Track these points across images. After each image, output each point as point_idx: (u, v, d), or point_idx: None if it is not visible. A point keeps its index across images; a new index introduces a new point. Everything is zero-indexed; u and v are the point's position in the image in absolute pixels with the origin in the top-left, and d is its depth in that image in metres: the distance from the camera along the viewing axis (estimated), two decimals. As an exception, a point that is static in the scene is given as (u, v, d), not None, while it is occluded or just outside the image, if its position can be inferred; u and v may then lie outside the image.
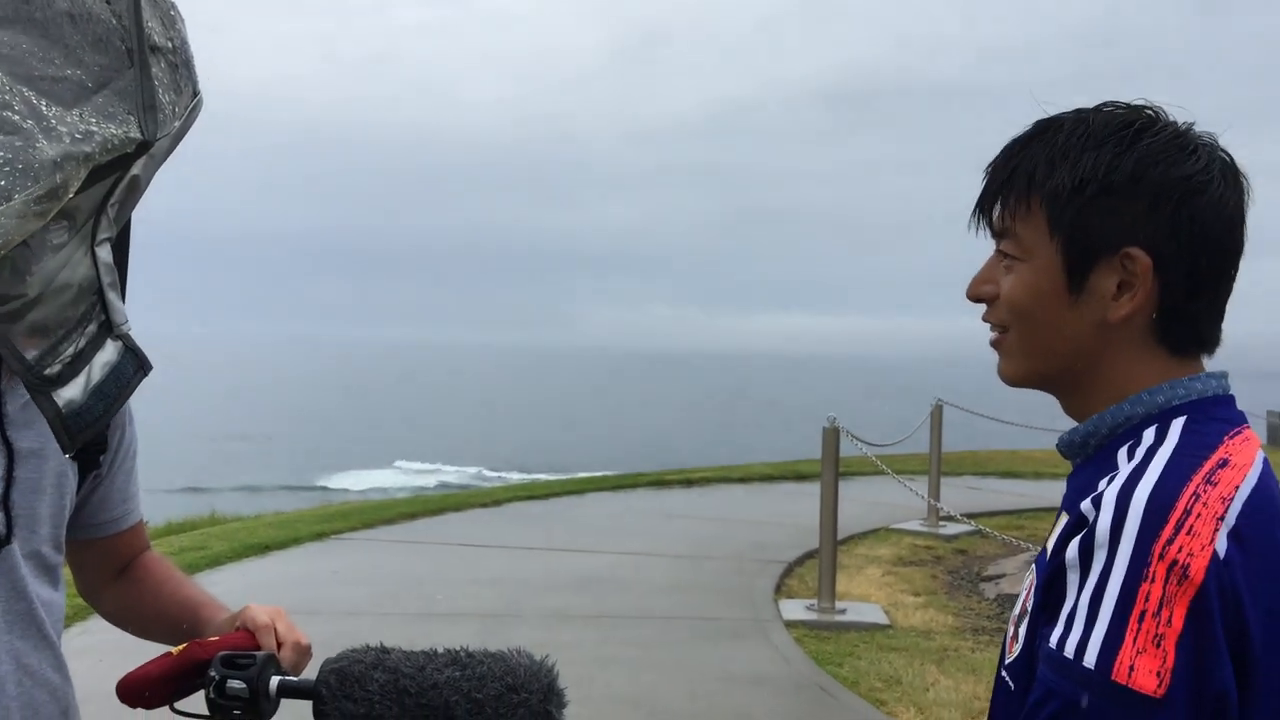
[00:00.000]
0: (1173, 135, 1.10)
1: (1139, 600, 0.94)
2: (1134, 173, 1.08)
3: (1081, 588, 0.98)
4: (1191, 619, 0.93)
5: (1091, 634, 0.95)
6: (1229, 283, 1.12)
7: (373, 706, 1.26)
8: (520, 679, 1.27)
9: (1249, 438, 1.10)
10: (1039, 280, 1.13)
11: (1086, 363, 1.13)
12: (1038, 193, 1.12)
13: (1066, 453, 1.19)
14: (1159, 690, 0.92)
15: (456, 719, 1.25)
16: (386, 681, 1.26)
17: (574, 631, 6.49)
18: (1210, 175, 1.08)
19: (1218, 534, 0.97)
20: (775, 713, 5.20)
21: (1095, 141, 1.10)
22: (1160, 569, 0.94)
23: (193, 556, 8.32)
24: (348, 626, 6.41)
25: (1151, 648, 0.93)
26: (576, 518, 10.68)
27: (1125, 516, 0.97)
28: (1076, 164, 1.09)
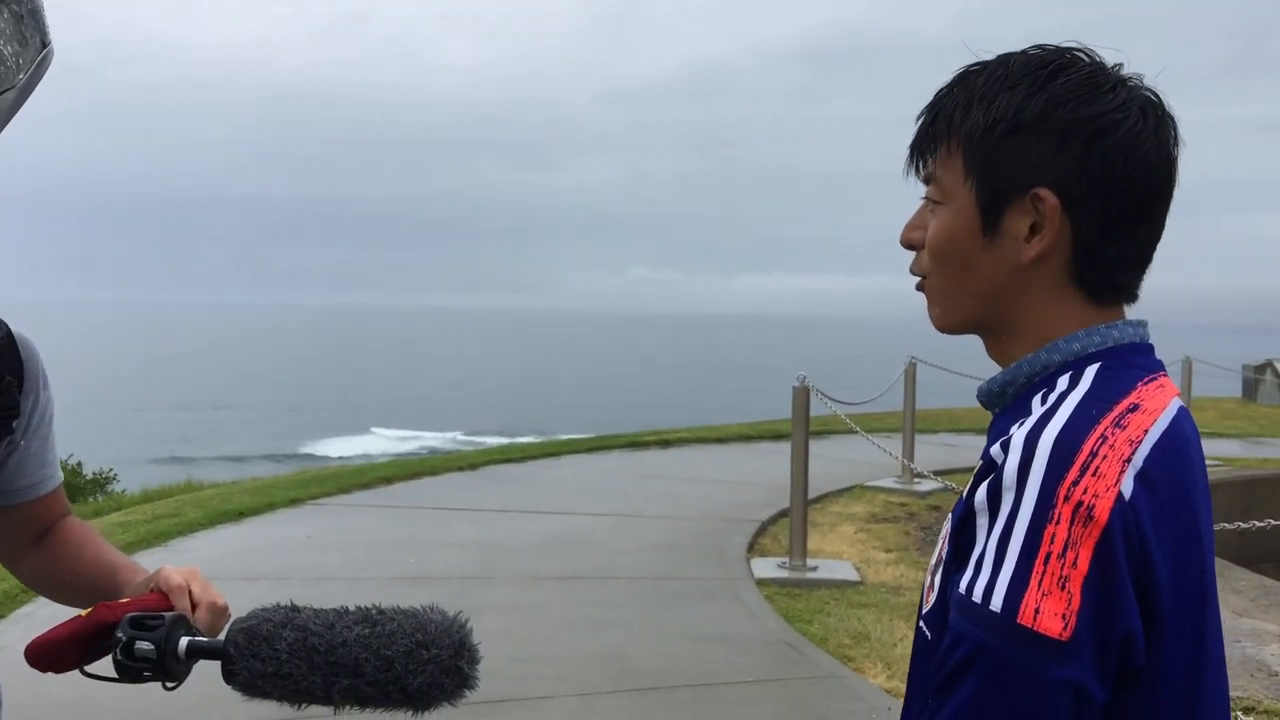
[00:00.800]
0: (1089, 74, 1.08)
1: (1044, 542, 0.93)
2: (1043, 111, 1.06)
3: (990, 531, 0.97)
4: (1096, 560, 0.93)
5: (998, 577, 0.94)
6: (1149, 227, 1.10)
7: (280, 665, 1.24)
8: (431, 635, 1.26)
9: (1164, 385, 1.09)
10: (956, 222, 1.12)
11: (1005, 307, 1.12)
12: (956, 135, 1.11)
13: (985, 401, 1.18)
14: (1064, 633, 0.91)
15: (365, 675, 1.24)
16: (295, 640, 1.25)
17: (545, 592, 6.51)
18: (1126, 114, 1.06)
19: (1124, 475, 0.96)
20: (742, 670, 5.23)
21: (1011, 82, 1.09)
22: (1065, 510, 0.93)
23: (166, 524, 8.31)
24: (318, 591, 6.41)
25: (1057, 590, 0.92)
26: (552, 480, 10.68)
27: (1032, 459, 0.96)
28: (991, 105, 1.08)
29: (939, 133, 1.13)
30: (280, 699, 1.27)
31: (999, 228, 1.09)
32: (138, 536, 7.84)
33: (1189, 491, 1.03)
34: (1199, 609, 1.03)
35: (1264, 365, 20.16)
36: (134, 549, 7.52)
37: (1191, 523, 1.02)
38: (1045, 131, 1.06)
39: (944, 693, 0.96)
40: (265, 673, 1.25)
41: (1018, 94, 1.07)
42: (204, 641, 1.30)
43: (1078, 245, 1.08)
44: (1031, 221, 1.07)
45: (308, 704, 1.27)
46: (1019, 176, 1.07)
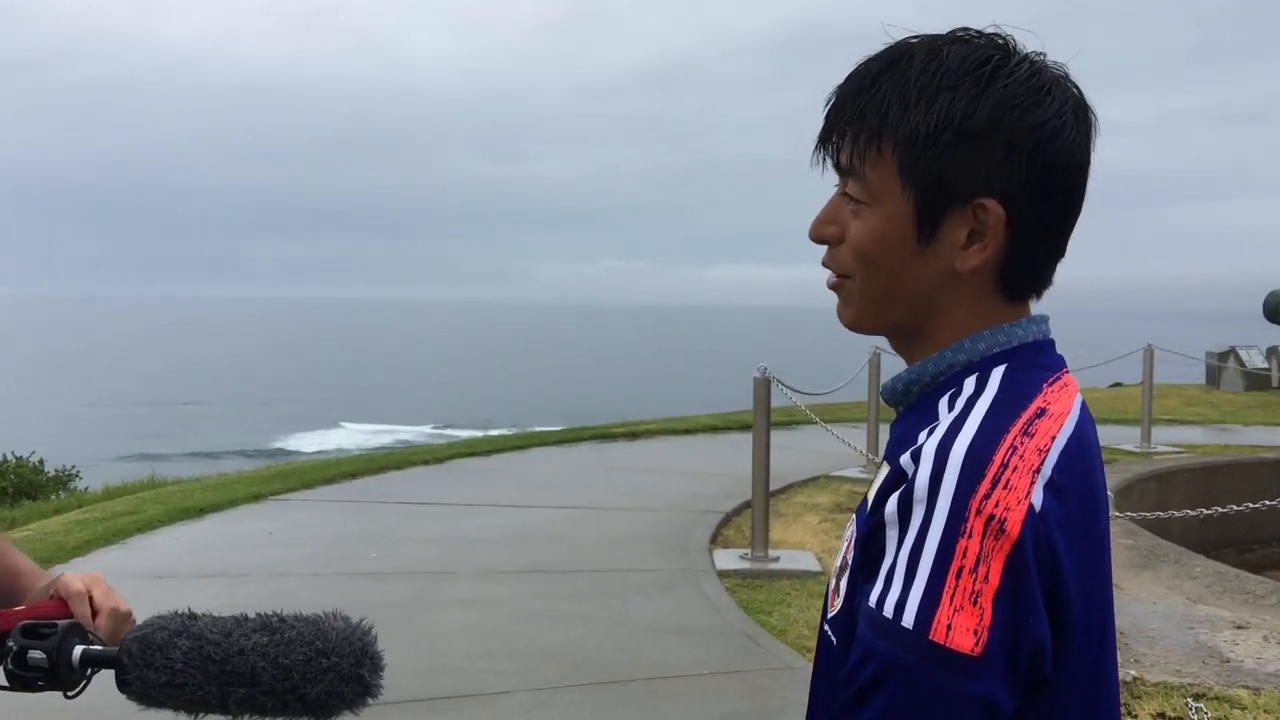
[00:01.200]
0: (1028, 75, 1.04)
1: (956, 557, 0.92)
2: (990, 119, 1.02)
3: (900, 544, 0.95)
4: (1008, 574, 0.92)
5: (910, 592, 0.93)
6: (1073, 226, 1.09)
7: (175, 674, 1.22)
8: (331, 643, 1.24)
9: (1068, 384, 1.08)
10: (887, 228, 1.07)
11: (928, 311, 1.09)
12: (890, 137, 1.05)
13: (889, 400, 1.16)
14: (976, 649, 0.90)
15: (262, 684, 1.21)
16: (190, 649, 1.22)
17: (506, 587, 6.49)
18: (1063, 119, 1.04)
19: (1034, 487, 0.95)
20: (700, 662, 5.23)
21: (950, 82, 1.03)
22: (978, 524, 0.92)
23: (125, 521, 8.23)
24: (276, 588, 6.37)
25: (969, 605, 0.91)
26: (518, 473, 10.66)
27: (943, 471, 0.95)
28: (931, 107, 1.03)
29: (868, 130, 1.06)
30: (176, 708, 1.24)
31: (935, 235, 1.05)
32: (96, 534, 7.77)
33: (1093, 497, 1.03)
34: (1103, 620, 1.03)
35: (1227, 352, 20.34)
36: (92, 547, 7.45)
37: (1096, 528, 1.02)
38: (993, 141, 1.02)
39: (854, 709, 0.95)
40: (159, 682, 1.22)
41: (960, 97, 1.03)
42: (98, 650, 1.27)
43: (1012, 252, 1.06)
44: (969, 229, 1.04)
45: (204, 713, 1.25)
46: (963, 186, 1.03)
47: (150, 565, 6.97)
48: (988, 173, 1.02)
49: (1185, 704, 4.34)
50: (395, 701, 4.70)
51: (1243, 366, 19.90)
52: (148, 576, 6.66)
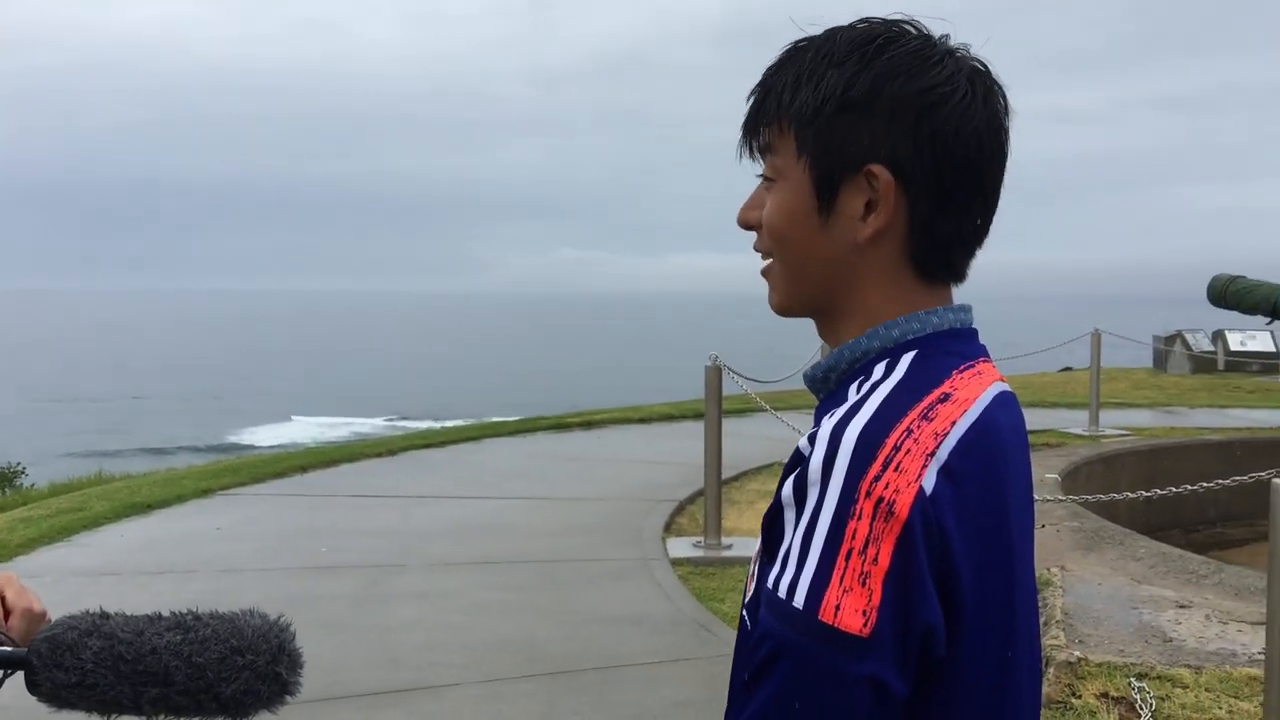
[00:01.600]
0: (917, 47, 1.06)
1: (846, 538, 0.92)
2: (872, 88, 1.04)
3: (796, 526, 0.95)
4: (897, 556, 0.92)
5: (802, 573, 0.93)
6: (984, 201, 1.09)
7: (85, 675, 1.19)
8: (247, 640, 1.22)
9: (982, 372, 1.08)
10: (792, 202, 1.10)
11: (841, 288, 1.10)
12: (786, 114, 1.09)
13: (811, 387, 1.16)
14: (865, 629, 0.90)
15: (176, 684, 1.19)
16: (101, 649, 1.20)
17: (457, 578, 6.46)
18: (954, 86, 1.05)
19: (926, 470, 0.94)
20: (652, 651, 5.24)
21: (838, 59, 1.07)
22: (867, 506, 0.92)
23: (70, 518, 8.10)
24: (225, 584, 6.30)
25: (858, 586, 0.91)
26: (473, 464, 10.61)
27: (836, 453, 0.95)
28: (820, 83, 1.06)
29: (769, 112, 1.11)
30: (87, 709, 1.22)
31: (835, 207, 1.07)
32: (40, 532, 7.64)
33: (998, 484, 1.02)
34: (1006, 604, 1.02)
35: (1173, 336, 20.67)
36: (36, 545, 7.33)
37: (1000, 516, 1.01)
38: (875, 108, 1.05)
39: (750, 688, 0.96)
40: (69, 683, 1.19)
41: (845, 71, 1.06)
42: (6, 651, 1.24)
43: (913, 223, 1.06)
44: (867, 199, 1.06)
45: (117, 714, 1.22)
46: (852, 154, 1.06)
47: (96, 563, 6.86)
48: (873, 139, 1.04)
49: (1128, 684, 4.40)
50: (344, 696, 4.67)
51: (1189, 350, 20.23)
52: (93, 574, 6.56)
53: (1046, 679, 4.49)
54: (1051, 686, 4.43)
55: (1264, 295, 6.15)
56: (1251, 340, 20.29)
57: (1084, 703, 4.30)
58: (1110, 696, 4.33)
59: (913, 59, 1.05)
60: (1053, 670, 4.54)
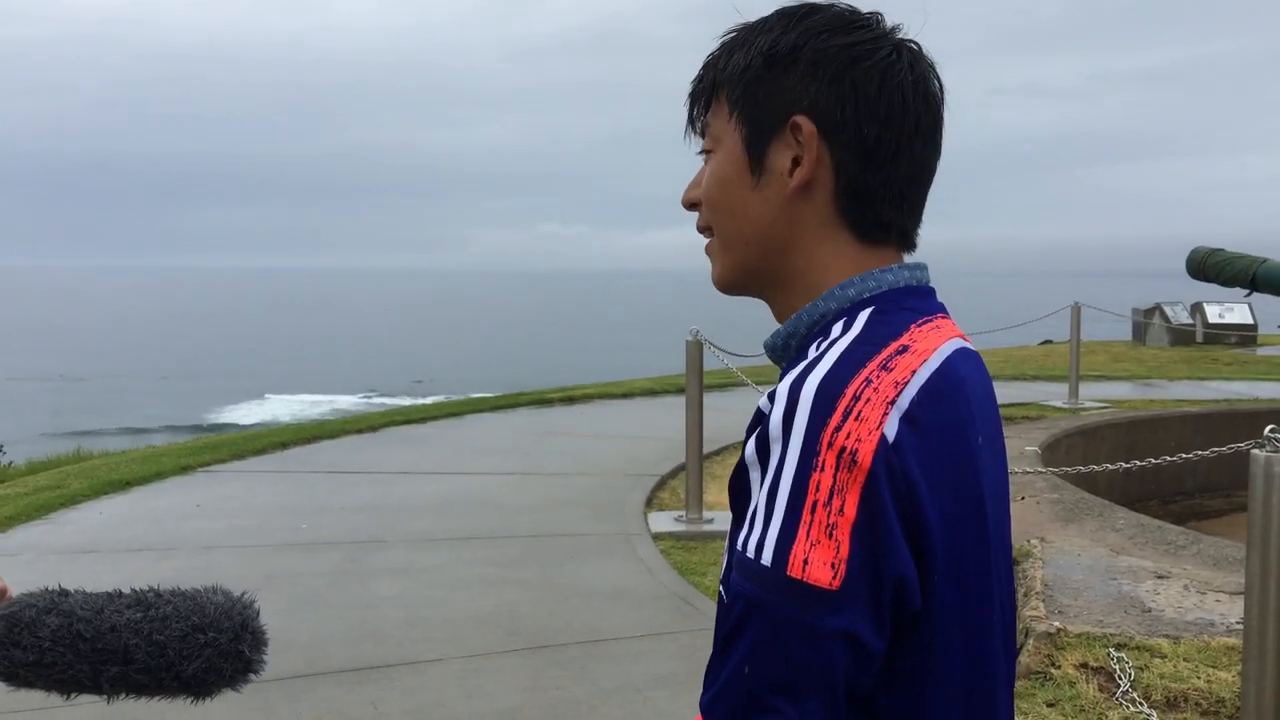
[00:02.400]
0: (843, 12, 1.10)
1: (810, 491, 0.91)
2: (796, 43, 1.08)
3: (761, 484, 0.95)
4: (863, 506, 0.91)
5: (768, 531, 0.92)
6: (910, 161, 1.09)
7: (43, 654, 1.16)
8: (209, 618, 1.19)
9: (940, 326, 1.07)
10: (725, 166, 1.12)
11: (779, 252, 1.11)
12: (720, 80, 1.13)
13: (772, 356, 1.16)
14: (834, 582, 0.89)
15: (136, 662, 1.17)
16: (59, 626, 1.17)
17: (437, 554, 6.45)
18: (876, 45, 1.07)
19: (887, 418, 0.94)
20: (634, 625, 5.24)
21: (768, 26, 1.11)
22: (830, 457, 0.91)
23: (49, 496, 8.05)
24: (204, 561, 6.27)
25: (825, 539, 0.90)
26: (454, 440, 10.58)
27: (796, 407, 0.94)
28: (749, 47, 1.10)
29: (707, 84, 1.15)
30: (46, 689, 1.19)
31: (764, 164, 1.09)
32: (18, 510, 7.58)
33: (962, 433, 1.01)
34: (981, 553, 1.02)
35: (1152, 309, 20.75)
36: (13, 523, 7.27)
37: (967, 465, 1.01)
38: (798, 62, 1.07)
39: (724, 651, 0.95)
40: (27, 661, 1.17)
41: (773, 33, 1.09)
42: None
43: (839, 177, 1.07)
44: (794, 155, 1.07)
45: (76, 693, 1.19)
46: (777, 107, 1.08)
47: (74, 540, 6.82)
48: (795, 91, 1.07)
49: (1107, 654, 4.43)
50: (325, 672, 4.66)
51: (1168, 323, 20.32)
52: (71, 552, 6.52)
53: (1026, 650, 4.52)
54: (1031, 657, 4.45)
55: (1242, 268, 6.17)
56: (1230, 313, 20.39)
57: (1063, 673, 4.32)
58: (1089, 667, 4.36)
59: (838, 20, 1.09)
60: (1032, 641, 4.56)
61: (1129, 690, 4.15)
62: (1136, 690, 4.15)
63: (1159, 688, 4.16)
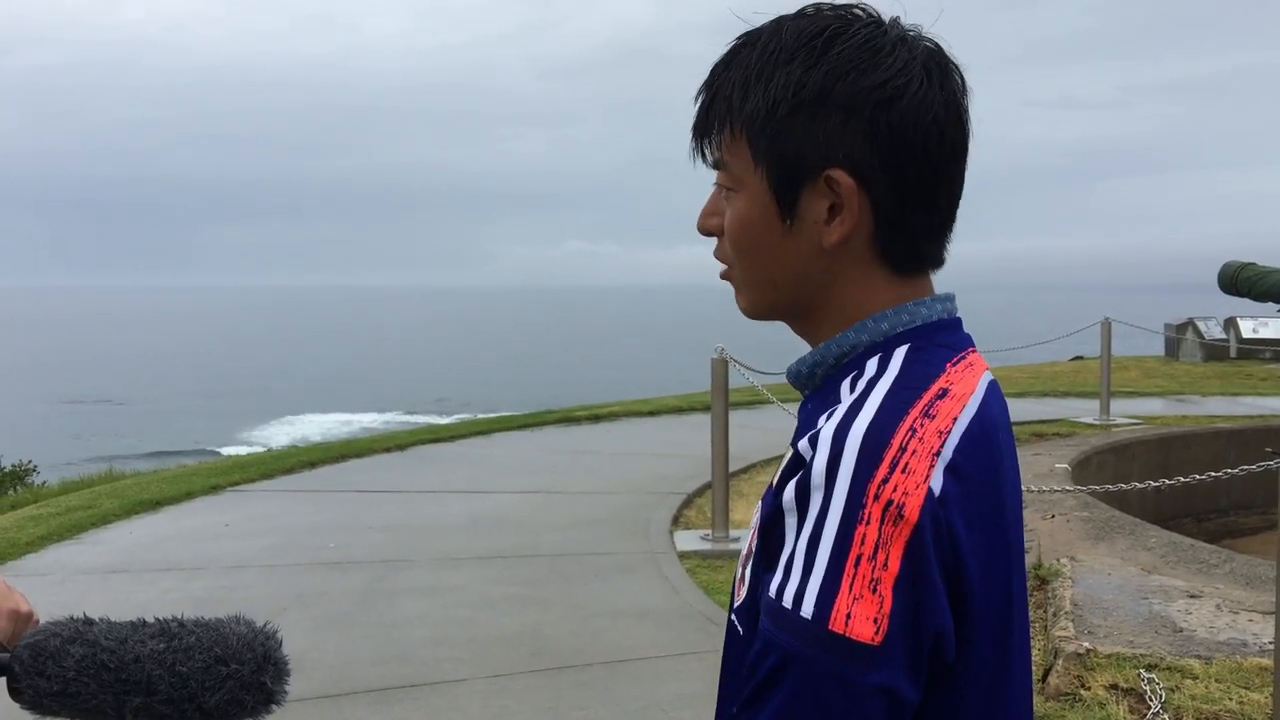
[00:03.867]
0: (865, 39, 1.02)
1: (855, 544, 0.89)
2: (823, 87, 1.01)
3: (799, 532, 0.92)
4: (907, 560, 0.89)
5: (809, 582, 0.90)
6: (948, 187, 1.06)
7: (68, 684, 1.17)
8: (232, 649, 1.19)
9: (973, 363, 1.06)
10: (751, 210, 1.06)
11: (814, 291, 1.08)
12: (738, 119, 1.05)
13: (795, 383, 1.14)
14: (876, 637, 0.88)
15: (159, 693, 1.17)
16: (84, 656, 1.18)
17: (464, 573, 6.45)
18: (907, 78, 1.01)
19: (934, 470, 0.92)
20: (659, 644, 5.22)
21: (786, 57, 1.02)
22: (876, 510, 0.90)
23: (80, 515, 8.12)
24: (233, 581, 6.30)
25: (868, 593, 0.88)
26: (481, 458, 10.60)
27: (841, 456, 0.92)
28: (769, 84, 1.02)
29: (719, 116, 1.07)
30: (70, 716, 1.20)
31: (796, 213, 1.04)
32: (50, 529, 7.66)
33: (996, 480, 1.00)
34: (1005, 598, 1.01)
35: (1185, 324, 20.55)
36: (46, 542, 7.35)
37: (999, 512, 1.00)
38: (828, 108, 1.01)
39: (755, 703, 0.92)
40: (51, 691, 1.18)
41: (794, 70, 1.02)
42: None
43: (879, 220, 1.03)
44: (830, 203, 1.03)
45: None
46: (809, 159, 1.02)
47: (104, 560, 6.87)
48: (829, 142, 1.01)
49: (1138, 675, 4.37)
50: (351, 692, 4.67)
51: (1201, 338, 20.12)
52: (102, 571, 6.57)
53: (1055, 670, 4.47)
54: (1060, 678, 4.40)
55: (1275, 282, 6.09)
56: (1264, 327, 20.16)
57: (1093, 694, 4.27)
58: (1120, 688, 4.31)
59: (863, 52, 1.01)
60: (1061, 662, 4.51)
61: (1160, 712, 4.09)
62: (1167, 712, 4.09)
63: (1190, 709, 4.10)
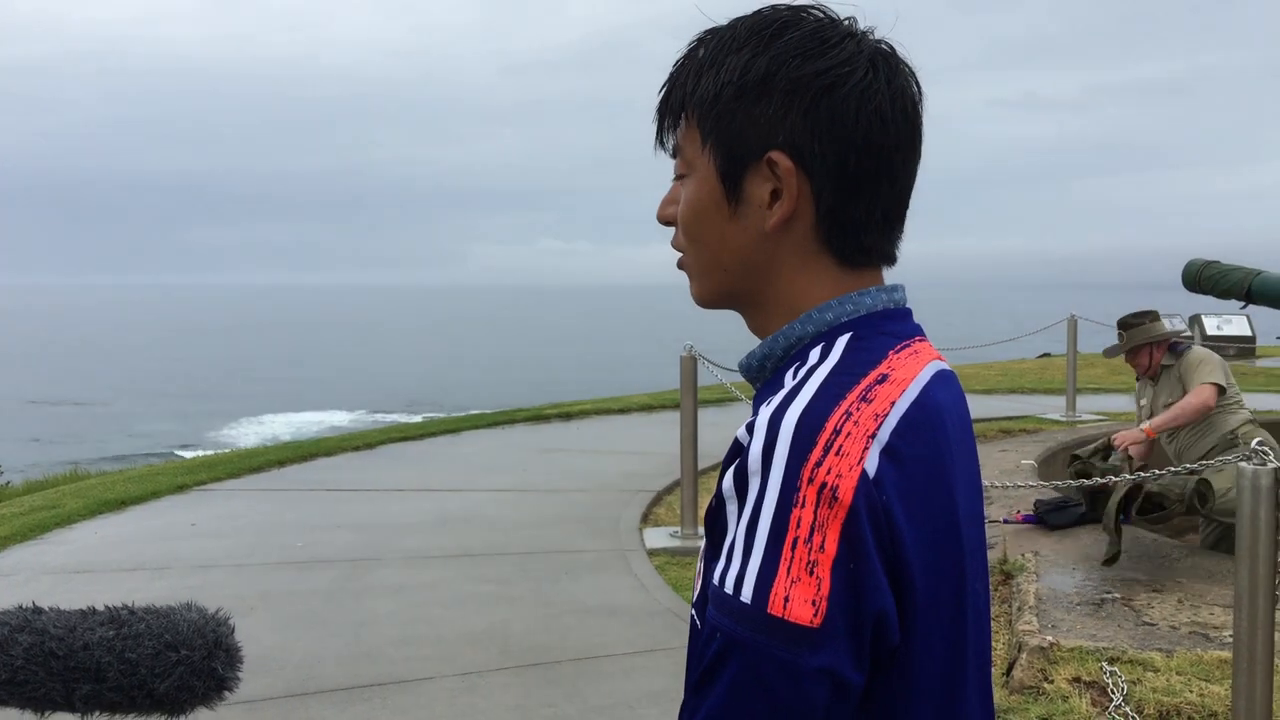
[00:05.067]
0: (814, 30, 1.05)
1: (791, 527, 0.90)
2: (767, 71, 1.03)
3: (739, 518, 0.94)
4: (844, 542, 0.90)
5: (747, 566, 0.91)
6: (892, 184, 1.07)
7: (15, 672, 1.17)
8: (182, 635, 1.19)
9: (918, 351, 1.07)
10: (701, 194, 1.09)
11: (758, 278, 1.09)
12: (690, 104, 1.09)
13: (747, 376, 1.15)
14: (815, 620, 0.89)
15: (108, 680, 1.17)
16: (32, 644, 1.17)
17: (433, 572, 6.44)
18: (852, 67, 1.03)
19: (868, 452, 0.93)
20: (628, 641, 5.23)
21: (737, 45, 1.06)
22: (810, 493, 0.90)
23: (44, 516, 8.04)
24: (199, 580, 6.26)
25: (805, 576, 0.89)
26: (450, 457, 10.57)
27: (776, 440, 0.93)
28: (719, 70, 1.06)
29: (675, 103, 1.11)
30: (21, 707, 1.20)
31: (741, 196, 1.06)
32: (13, 530, 7.58)
33: (941, 464, 1.01)
34: (957, 585, 1.01)
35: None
36: (9, 544, 7.27)
37: (946, 497, 1.00)
38: (771, 92, 1.03)
39: (701, 689, 0.93)
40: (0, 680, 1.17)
41: (744, 55, 1.04)
42: None
43: (820, 209, 1.05)
44: (772, 188, 1.05)
45: (51, 712, 1.20)
46: (751, 140, 1.04)
47: (68, 560, 6.81)
48: (770, 124, 1.03)
49: (1100, 668, 4.42)
50: (318, 691, 4.65)
51: (1165, 335, 20.32)
52: (65, 572, 6.51)
53: (1019, 664, 4.51)
54: (1024, 672, 4.44)
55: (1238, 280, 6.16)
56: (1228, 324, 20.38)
57: (1056, 687, 4.31)
58: (1082, 681, 4.35)
59: (810, 40, 1.04)
60: (1025, 655, 4.56)
61: (1121, 705, 4.14)
62: (1129, 704, 4.14)
63: (1152, 701, 4.15)
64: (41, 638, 1.18)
